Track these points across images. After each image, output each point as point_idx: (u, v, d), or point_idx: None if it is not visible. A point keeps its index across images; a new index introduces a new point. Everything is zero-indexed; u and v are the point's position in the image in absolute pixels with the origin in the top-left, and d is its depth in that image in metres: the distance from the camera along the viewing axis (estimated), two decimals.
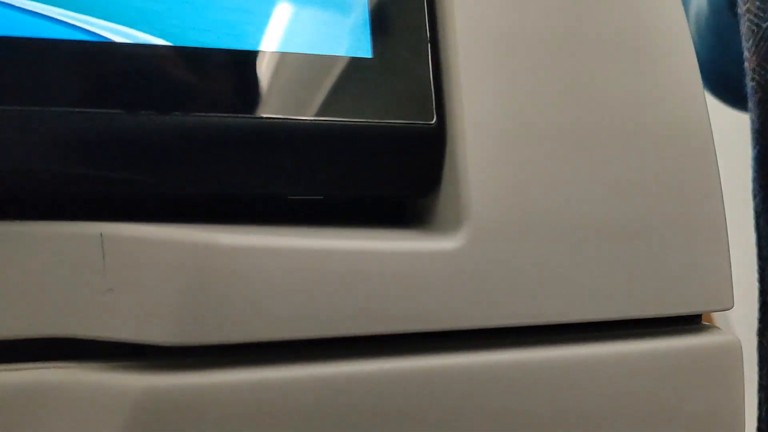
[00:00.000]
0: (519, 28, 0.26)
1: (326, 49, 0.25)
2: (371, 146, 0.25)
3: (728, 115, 0.58)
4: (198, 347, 0.22)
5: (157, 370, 0.22)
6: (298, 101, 0.25)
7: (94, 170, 0.23)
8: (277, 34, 0.25)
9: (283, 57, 0.25)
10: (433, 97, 0.26)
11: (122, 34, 0.23)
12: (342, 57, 0.25)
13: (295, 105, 0.24)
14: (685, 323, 0.28)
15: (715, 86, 0.58)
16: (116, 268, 0.22)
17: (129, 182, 0.23)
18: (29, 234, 0.22)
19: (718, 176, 0.27)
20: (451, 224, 0.25)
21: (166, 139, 0.23)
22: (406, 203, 0.30)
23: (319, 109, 0.25)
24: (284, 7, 0.25)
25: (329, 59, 0.25)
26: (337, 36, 0.26)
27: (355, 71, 0.25)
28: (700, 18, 0.55)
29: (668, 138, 0.27)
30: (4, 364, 0.22)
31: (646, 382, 0.26)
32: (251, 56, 0.24)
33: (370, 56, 0.26)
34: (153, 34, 0.24)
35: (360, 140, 0.25)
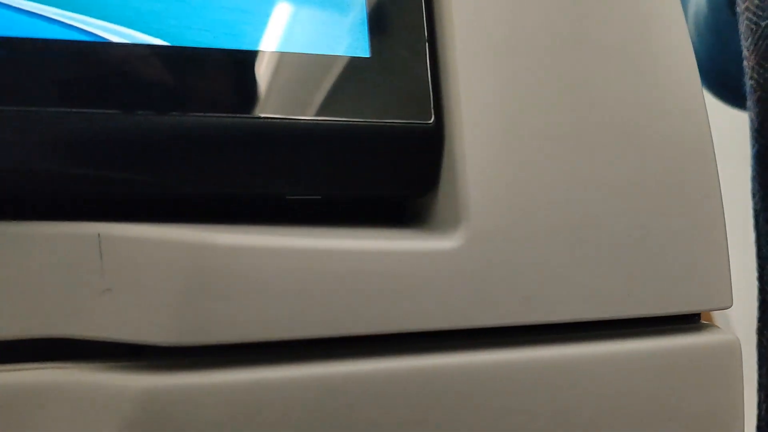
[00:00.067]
0: (517, 27, 0.26)
1: (324, 49, 0.25)
2: (369, 146, 0.25)
3: (727, 114, 0.58)
4: (196, 347, 0.22)
5: (155, 371, 0.22)
6: (296, 101, 0.25)
7: (92, 170, 0.23)
8: (274, 33, 0.25)
9: (280, 57, 0.25)
10: (431, 97, 0.26)
11: (120, 34, 0.23)
12: (340, 56, 0.25)
13: (293, 105, 0.24)
14: (684, 322, 0.28)
15: (714, 85, 0.58)
16: (114, 268, 0.22)
17: (127, 182, 0.23)
18: (27, 234, 0.22)
19: (717, 175, 0.27)
20: (450, 224, 0.25)
21: (164, 139, 0.23)
22: (404, 203, 0.30)
23: (317, 109, 0.25)
24: (282, 6, 0.25)
25: (327, 59, 0.25)
26: (335, 35, 0.26)
27: (353, 71, 0.25)
28: (698, 17, 0.55)
29: (667, 137, 0.27)
30: (3, 364, 0.22)
31: (645, 381, 0.26)
32: (249, 56, 0.24)
33: (368, 56, 0.26)
34: (151, 34, 0.24)
35: (358, 140, 0.25)
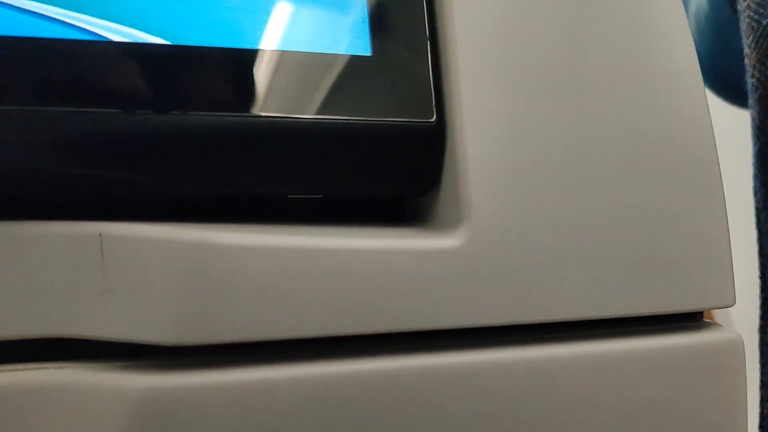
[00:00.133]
0: (519, 26, 0.26)
1: (325, 48, 0.25)
2: (371, 145, 0.25)
3: (729, 112, 0.58)
4: (197, 347, 0.22)
5: (156, 370, 0.22)
6: (298, 100, 0.24)
7: (93, 170, 0.23)
8: (275, 32, 0.25)
9: (282, 55, 0.25)
10: (433, 95, 0.26)
11: (121, 34, 0.23)
12: (341, 55, 0.25)
13: (295, 104, 0.24)
14: (687, 320, 0.28)
15: (715, 83, 0.58)
16: (115, 267, 0.22)
17: (127, 182, 0.23)
18: (28, 234, 0.22)
19: (719, 173, 0.27)
20: (451, 222, 0.25)
21: (165, 139, 0.23)
22: (406, 202, 0.30)
23: (319, 108, 0.25)
24: (283, 5, 0.25)
25: (328, 57, 0.25)
26: (337, 34, 0.25)
27: (355, 69, 0.25)
28: (700, 15, 0.55)
29: (669, 135, 0.27)
30: (3, 364, 0.22)
31: (648, 379, 0.26)
32: (250, 55, 0.24)
33: (369, 54, 0.25)
34: (152, 33, 0.23)
35: (359, 139, 0.25)
